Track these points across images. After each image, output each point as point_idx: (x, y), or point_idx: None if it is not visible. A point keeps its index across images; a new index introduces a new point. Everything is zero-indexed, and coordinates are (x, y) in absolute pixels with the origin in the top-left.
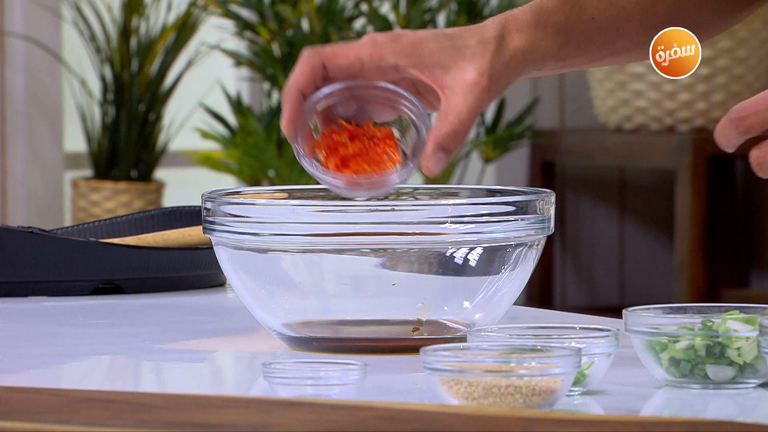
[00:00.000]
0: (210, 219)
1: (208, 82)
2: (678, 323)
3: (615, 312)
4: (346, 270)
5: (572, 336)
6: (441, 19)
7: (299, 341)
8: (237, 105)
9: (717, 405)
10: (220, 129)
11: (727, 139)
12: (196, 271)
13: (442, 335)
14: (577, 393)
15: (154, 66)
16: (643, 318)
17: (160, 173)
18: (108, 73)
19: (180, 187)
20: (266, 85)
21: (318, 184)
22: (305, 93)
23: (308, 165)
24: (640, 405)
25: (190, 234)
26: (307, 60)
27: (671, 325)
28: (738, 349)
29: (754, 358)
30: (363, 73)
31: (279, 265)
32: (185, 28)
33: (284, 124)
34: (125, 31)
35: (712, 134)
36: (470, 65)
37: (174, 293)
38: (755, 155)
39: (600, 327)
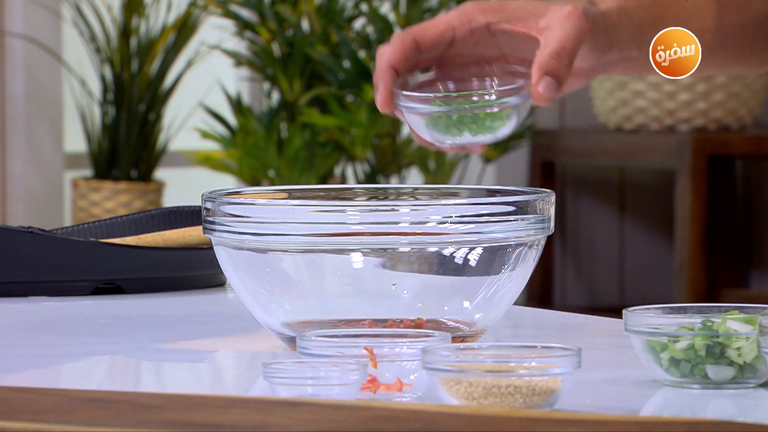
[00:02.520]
0: (210, 219)
1: (208, 82)
2: (678, 323)
3: (615, 312)
4: (346, 270)
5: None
6: None
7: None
8: (237, 105)
9: (717, 405)
10: (220, 129)
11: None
12: (196, 271)
13: None
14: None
15: (154, 66)
16: (643, 318)
17: (160, 173)
18: (108, 73)
19: (180, 187)
20: (266, 85)
21: (318, 183)
22: (398, 70)
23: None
24: (640, 405)
25: (190, 234)
26: (398, 39)
27: (671, 325)
28: (738, 349)
29: (754, 358)
30: (455, 40)
31: (279, 265)
32: (185, 28)
33: (380, 103)
34: (125, 31)
35: (712, 134)
36: (563, 6)
37: (174, 293)
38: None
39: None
